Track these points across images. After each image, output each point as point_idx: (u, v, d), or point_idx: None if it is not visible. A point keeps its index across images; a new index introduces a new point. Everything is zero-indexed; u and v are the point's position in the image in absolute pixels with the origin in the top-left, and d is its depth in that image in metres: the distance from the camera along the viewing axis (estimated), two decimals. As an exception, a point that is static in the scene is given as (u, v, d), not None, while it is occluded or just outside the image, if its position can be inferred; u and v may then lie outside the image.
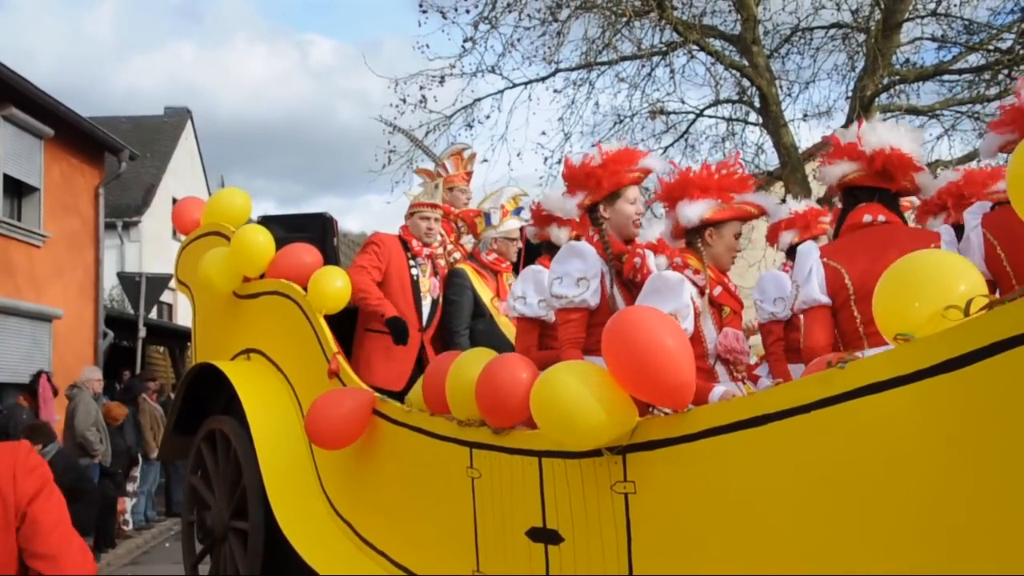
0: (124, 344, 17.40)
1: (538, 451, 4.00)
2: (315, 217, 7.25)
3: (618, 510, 3.67)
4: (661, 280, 4.16)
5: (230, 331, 6.75)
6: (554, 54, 16.55)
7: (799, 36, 16.49)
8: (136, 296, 16.08)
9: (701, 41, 15.95)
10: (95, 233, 17.26)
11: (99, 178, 17.47)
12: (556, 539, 3.93)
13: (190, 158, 28.70)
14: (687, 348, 3.48)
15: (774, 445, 3.16)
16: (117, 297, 20.46)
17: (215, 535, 6.42)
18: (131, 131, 23.42)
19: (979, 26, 15.64)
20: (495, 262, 6.39)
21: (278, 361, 6.27)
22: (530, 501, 4.03)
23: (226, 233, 6.79)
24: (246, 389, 6.13)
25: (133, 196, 24.12)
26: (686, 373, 3.43)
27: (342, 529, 5.47)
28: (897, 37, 15.49)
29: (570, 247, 4.60)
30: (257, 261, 6.41)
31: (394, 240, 6.34)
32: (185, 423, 7.20)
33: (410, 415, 4.92)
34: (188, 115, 28.89)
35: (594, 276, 4.44)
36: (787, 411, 3.13)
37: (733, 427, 3.29)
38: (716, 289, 4.22)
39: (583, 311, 4.43)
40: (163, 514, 15.59)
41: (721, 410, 3.39)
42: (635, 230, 4.64)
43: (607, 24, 16.26)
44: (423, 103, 16.67)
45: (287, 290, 6.14)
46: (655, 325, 3.48)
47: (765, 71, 16.03)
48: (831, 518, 3.00)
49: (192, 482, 6.94)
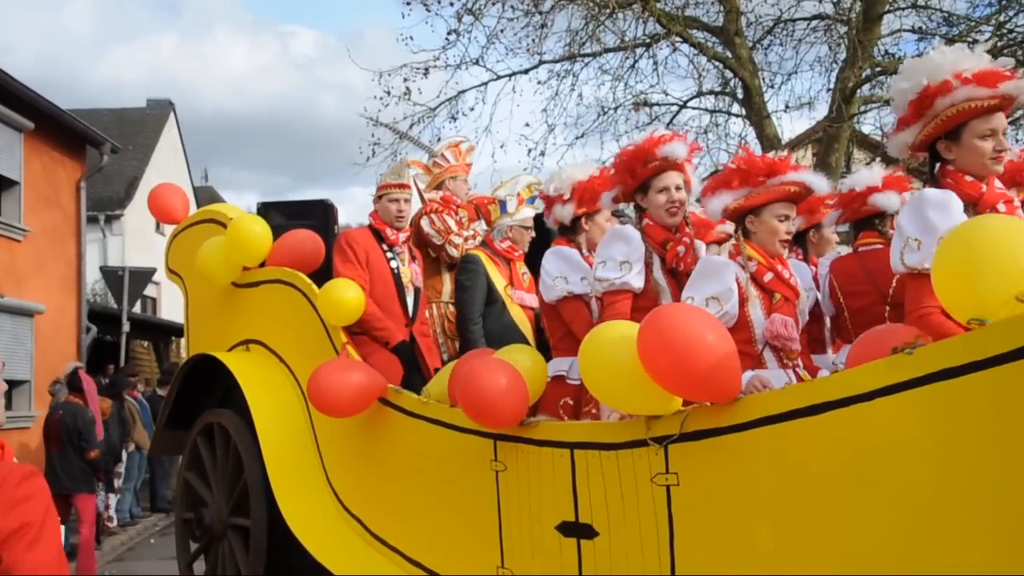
0: (108, 339, 17.07)
1: (570, 442, 3.82)
2: (316, 204, 7.00)
3: (659, 503, 3.49)
4: (707, 263, 4.14)
5: (227, 321, 6.48)
6: (538, 46, 16.44)
7: (781, 27, 16.43)
8: (119, 290, 15.77)
9: (684, 33, 15.91)
10: (77, 227, 16.88)
11: (81, 171, 17.08)
12: (590, 533, 3.74)
13: (173, 150, 28.24)
14: (726, 341, 3.33)
15: (834, 435, 3.00)
16: (100, 291, 20.11)
17: (213, 532, 6.17)
18: (113, 123, 23.03)
19: (958, 18, 15.65)
20: (508, 250, 6.15)
21: (281, 352, 6.03)
22: (561, 494, 3.85)
23: (222, 221, 6.54)
24: (249, 381, 5.88)
25: (115, 189, 23.69)
26: (728, 369, 3.25)
27: (351, 525, 5.25)
28: (878, 29, 15.48)
29: (615, 230, 4.63)
30: (255, 252, 6.15)
31: (365, 234, 5.96)
32: (177, 418, 6.93)
33: (428, 407, 4.72)
34: (171, 107, 28.41)
35: (637, 260, 4.45)
36: (848, 399, 2.96)
37: (789, 415, 3.13)
38: (767, 275, 4.09)
39: (627, 293, 4.44)
40: (148, 510, 15.40)
41: (776, 398, 3.21)
42: (670, 219, 4.57)
43: (590, 16, 16.15)
44: (407, 95, 16.52)
45: (291, 279, 5.89)
46: (690, 321, 3.32)
47: (748, 62, 15.99)
48: (896, 513, 2.84)
49: (187, 478, 6.67)
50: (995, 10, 15.25)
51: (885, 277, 5.19)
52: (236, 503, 6.03)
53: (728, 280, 4.00)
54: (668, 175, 4.55)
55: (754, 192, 4.08)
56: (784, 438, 3.13)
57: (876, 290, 5.22)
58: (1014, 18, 15.09)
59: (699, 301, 3.99)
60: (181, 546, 6.74)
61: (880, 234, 5.33)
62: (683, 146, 4.57)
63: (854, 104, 15.48)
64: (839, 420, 2.98)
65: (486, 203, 6.41)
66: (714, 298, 3.97)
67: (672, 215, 4.55)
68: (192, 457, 6.61)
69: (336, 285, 5.51)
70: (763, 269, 4.09)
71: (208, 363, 6.49)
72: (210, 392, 6.74)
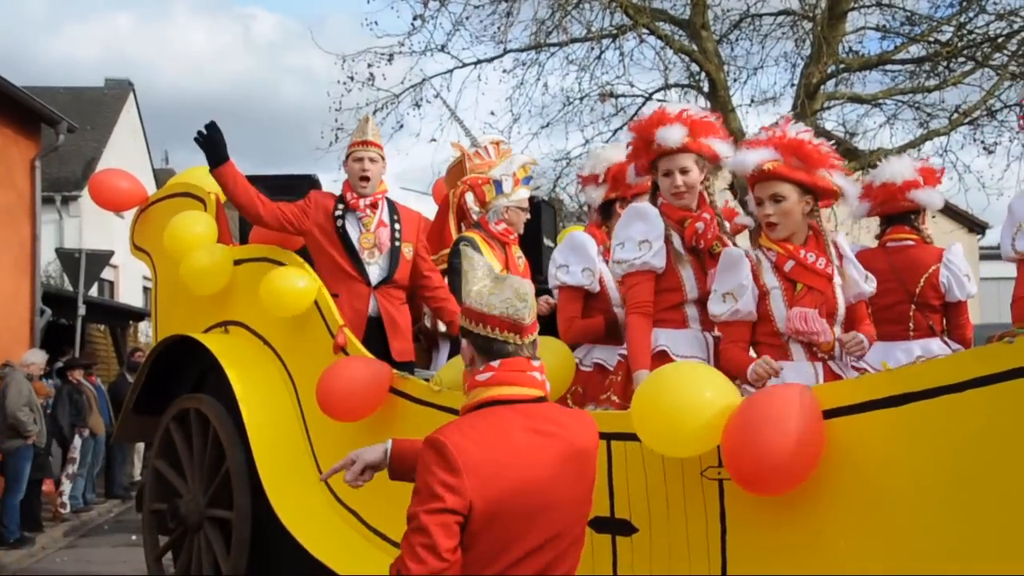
0: (62, 322, 16.43)
1: (606, 432, 3.47)
2: (302, 179, 6.52)
3: (711, 499, 3.19)
4: (725, 257, 3.95)
5: (203, 302, 6.00)
6: (504, 34, 16.08)
7: (748, 22, 16.24)
8: (75, 273, 15.09)
9: (651, 25, 15.61)
10: (31, 207, 16.23)
11: (35, 150, 16.41)
12: (628, 530, 3.42)
13: (132, 132, 27.28)
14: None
15: (917, 427, 2.71)
16: (55, 273, 19.39)
17: (188, 524, 5.73)
18: (70, 103, 22.15)
19: (920, 18, 15.60)
20: (504, 232, 5.82)
21: (266, 335, 5.61)
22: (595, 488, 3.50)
23: (199, 196, 6.08)
24: (233, 365, 5.45)
25: (72, 170, 22.81)
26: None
27: (345, 518, 4.87)
28: (842, 26, 15.35)
29: (632, 208, 4.42)
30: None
31: (326, 196, 5.67)
32: (144, 403, 6.44)
33: (440, 395, 4.35)
34: (130, 87, 27.47)
35: (657, 238, 4.20)
36: (934, 390, 2.67)
37: (864, 407, 2.83)
38: (787, 264, 3.83)
39: (647, 273, 4.19)
40: (103, 495, 14.88)
41: (850, 389, 2.91)
42: (677, 202, 4.31)
43: (557, 5, 15.78)
44: (371, 81, 16.09)
45: (280, 257, 5.49)
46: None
47: (714, 56, 15.76)
48: (987, 514, 2.55)
49: (158, 467, 6.20)
50: (956, 11, 15.22)
51: (913, 275, 4.98)
52: (214, 494, 5.60)
53: (741, 275, 3.83)
54: (671, 159, 4.28)
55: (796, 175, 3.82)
56: (860, 430, 2.83)
57: (903, 288, 5.03)
58: (974, 19, 15.10)
59: (717, 296, 3.87)
60: (149, 539, 6.26)
61: (913, 229, 5.10)
62: (680, 130, 4.25)
63: (818, 100, 15.35)
64: (923, 411, 2.71)
65: (480, 183, 6.03)
66: (729, 294, 3.83)
67: (678, 199, 4.31)
68: (163, 445, 6.14)
69: (281, 275, 5.23)
70: (783, 258, 3.85)
71: (178, 346, 6.06)
72: (180, 377, 6.27)
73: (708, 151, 4.28)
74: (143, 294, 24.84)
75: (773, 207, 3.83)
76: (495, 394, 2.61)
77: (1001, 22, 14.64)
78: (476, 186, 6.03)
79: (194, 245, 5.72)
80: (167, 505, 5.82)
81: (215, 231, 5.87)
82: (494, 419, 2.56)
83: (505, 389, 2.61)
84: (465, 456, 2.43)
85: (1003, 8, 14.67)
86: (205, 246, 5.72)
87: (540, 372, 2.67)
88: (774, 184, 3.82)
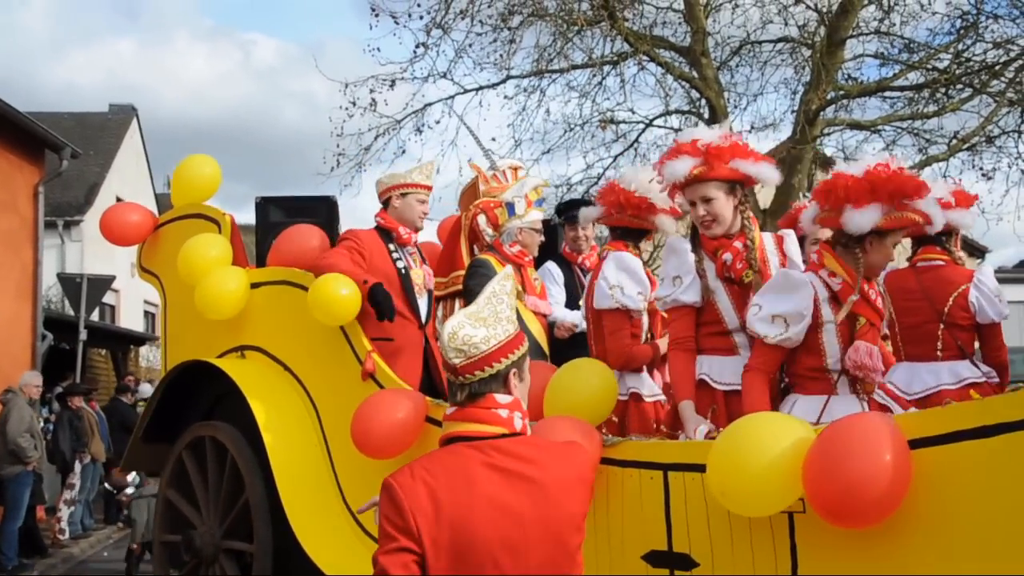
0: (64, 347, 16.16)
1: (663, 463, 3.27)
2: (319, 200, 6.28)
3: (779, 532, 2.96)
4: (786, 278, 3.77)
5: (216, 326, 5.76)
6: (506, 61, 15.98)
7: (747, 49, 16.21)
8: (76, 297, 14.85)
9: (651, 52, 15.57)
10: (34, 232, 16.02)
11: (39, 176, 16.22)
12: (687, 564, 3.21)
13: (135, 157, 27.06)
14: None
15: (1008, 459, 2.51)
16: (57, 298, 19.13)
17: (203, 557, 5.46)
18: (74, 128, 21.99)
19: (918, 45, 15.56)
20: (518, 255, 5.62)
21: (287, 360, 5.39)
22: (651, 520, 3.32)
23: (213, 217, 5.84)
24: (253, 391, 5.20)
25: (75, 195, 22.59)
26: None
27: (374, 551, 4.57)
28: (841, 53, 15.28)
29: (667, 244, 4.28)
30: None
31: (371, 235, 5.46)
32: (154, 431, 6.17)
33: None
34: (134, 113, 27.21)
35: (688, 272, 4.04)
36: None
37: (951, 437, 2.60)
38: (851, 296, 3.67)
39: (683, 309, 4.05)
40: (102, 522, 14.53)
41: (935, 419, 2.69)
42: (706, 231, 4.11)
43: (558, 32, 15.73)
44: (373, 107, 15.91)
45: (301, 280, 5.24)
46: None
47: (714, 83, 15.70)
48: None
49: (169, 497, 5.93)
50: (954, 38, 15.17)
51: (942, 294, 4.87)
52: (231, 525, 5.34)
53: (802, 303, 3.65)
54: (692, 189, 4.09)
55: (895, 214, 3.62)
56: (944, 461, 2.61)
57: (931, 307, 4.91)
58: (971, 47, 15.05)
59: (764, 315, 3.67)
60: (160, 572, 5.99)
61: (944, 250, 4.97)
62: (687, 162, 4.05)
63: (817, 126, 15.26)
64: (1017, 443, 2.48)
65: (492, 206, 5.83)
66: (780, 317, 3.63)
67: (706, 228, 4.10)
68: (176, 474, 5.86)
69: (327, 282, 4.95)
70: (848, 289, 3.68)
71: (188, 372, 5.82)
72: (191, 404, 6.01)
73: (732, 175, 4.05)
74: (144, 319, 24.61)
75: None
76: (454, 431, 2.58)
77: (998, 50, 14.62)
78: (489, 209, 5.84)
79: (209, 269, 5.49)
80: (181, 537, 5.54)
81: (230, 254, 5.65)
82: (450, 458, 2.52)
83: (464, 426, 2.56)
84: (412, 497, 2.42)
85: (1000, 36, 14.69)
86: (221, 269, 5.48)
87: (509, 408, 2.58)
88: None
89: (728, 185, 4.05)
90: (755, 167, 4.03)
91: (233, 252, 5.69)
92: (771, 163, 4.14)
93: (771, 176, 4.11)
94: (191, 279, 5.57)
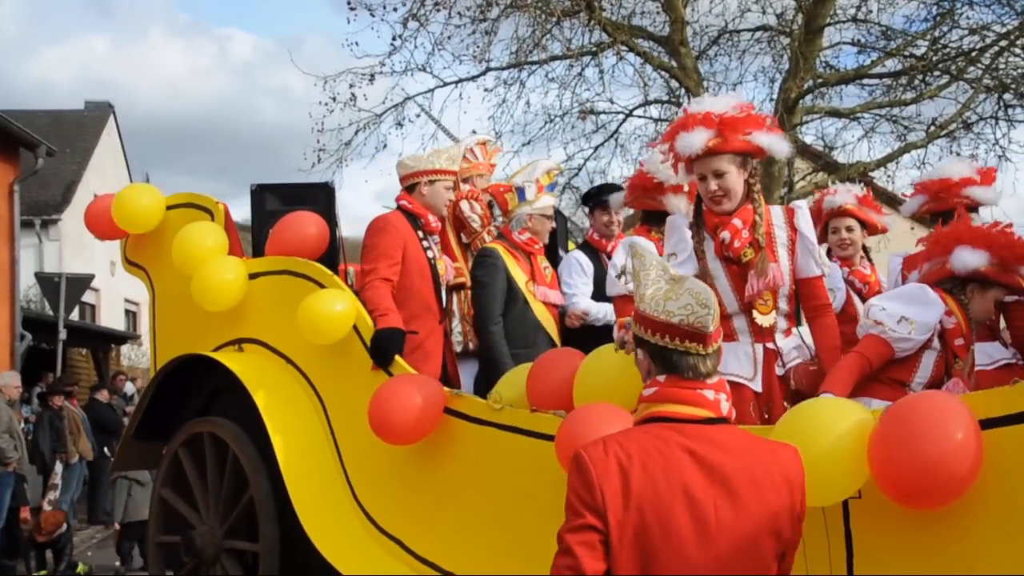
0: (44, 347, 15.83)
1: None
2: (317, 188, 5.96)
3: (833, 520, 2.79)
4: (923, 291, 3.74)
5: (211, 319, 5.47)
6: (484, 53, 15.71)
7: (726, 38, 15.99)
8: (55, 297, 14.58)
9: (630, 42, 15.37)
10: (10, 231, 15.75)
11: (14, 174, 15.94)
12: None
13: (113, 154, 26.62)
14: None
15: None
16: (36, 298, 18.77)
17: (204, 558, 5.21)
18: (50, 126, 21.56)
19: (895, 32, 15.49)
20: (528, 242, 5.37)
21: (289, 353, 5.13)
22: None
23: (204, 206, 5.58)
24: (256, 385, 4.96)
25: (52, 193, 22.22)
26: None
27: (389, 549, 4.39)
28: (819, 41, 15.19)
29: (667, 222, 4.14)
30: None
31: (402, 220, 5.17)
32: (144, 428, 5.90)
33: (503, 413, 3.93)
34: (110, 110, 26.72)
35: (683, 249, 3.89)
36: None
37: (1010, 419, 2.43)
38: (958, 339, 3.74)
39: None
40: (85, 522, 14.31)
41: (1005, 398, 2.52)
42: (716, 207, 3.87)
43: (537, 23, 15.51)
44: (353, 101, 15.63)
45: (304, 269, 5.01)
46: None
47: (693, 72, 15.52)
48: None
49: (164, 496, 5.66)
50: (930, 25, 15.10)
51: None
52: (232, 524, 5.10)
53: (932, 318, 3.67)
54: (704, 162, 3.84)
55: (1002, 268, 3.75)
56: (1013, 441, 2.43)
57: None
58: (948, 33, 15.02)
59: (891, 313, 3.64)
60: (155, 573, 5.72)
61: None
62: (702, 134, 3.80)
63: (796, 114, 15.15)
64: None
65: (502, 191, 5.60)
66: (908, 320, 3.61)
67: (716, 204, 3.86)
68: (171, 472, 5.59)
69: (320, 300, 4.72)
70: (958, 331, 3.74)
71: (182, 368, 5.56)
72: (184, 400, 5.75)
73: (746, 147, 3.82)
74: (125, 317, 24.21)
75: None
76: (655, 411, 2.34)
77: (974, 36, 14.57)
78: (498, 194, 5.61)
79: (206, 258, 5.23)
80: (180, 538, 5.29)
81: (226, 243, 5.40)
82: (647, 438, 2.29)
83: (667, 407, 2.32)
84: (602, 472, 2.22)
85: (976, 23, 14.64)
86: (218, 260, 5.23)
87: (715, 390, 2.35)
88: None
89: (741, 158, 3.84)
90: (768, 139, 3.81)
91: (229, 241, 5.44)
92: (782, 135, 3.94)
93: (783, 149, 3.91)
94: (187, 269, 5.29)
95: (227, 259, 5.28)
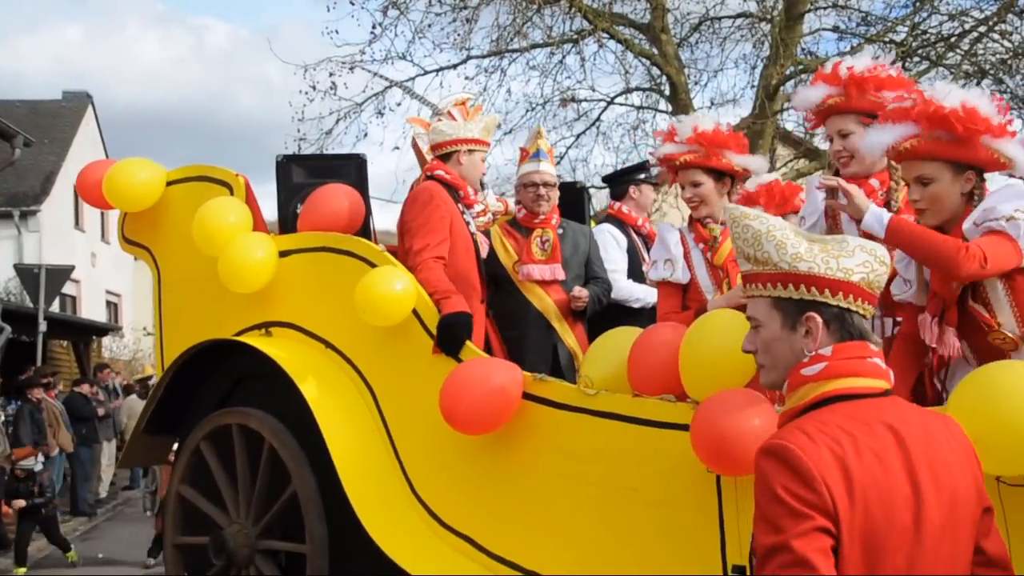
0: (23, 339, 15.20)
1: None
2: (348, 159, 5.34)
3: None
4: None
5: (230, 301, 4.86)
6: (465, 41, 15.41)
7: (707, 25, 15.73)
8: (35, 289, 14.15)
9: (611, 29, 15.11)
10: (-12, 223, 15.02)
11: (-9, 165, 15.25)
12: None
13: (92, 144, 25.88)
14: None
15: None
16: (15, 290, 18.11)
17: (237, 560, 4.69)
18: (27, 116, 21.14)
19: (875, 18, 15.37)
20: (525, 218, 5.02)
21: (330, 337, 4.57)
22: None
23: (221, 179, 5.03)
24: (297, 372, 4.42)
25: (31, 184, 21.69)
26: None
27: (458, 547, 3.97)
28: (799, 27, 15.03)
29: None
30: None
31: (443, 192, 4.64)
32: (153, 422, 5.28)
33: (597, 398, 3.54)
34: (88, 100, 26.05)
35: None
36: None
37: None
38: None
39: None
40: (67, 514, 13.77)
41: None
42: (842, 168, 3.73)
43: (517, 11, 15.18)
44: (333, 90, 15.23)
45: (348, 245, 4.50)
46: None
47: (674, 59, 15.32)
48: None
49: (183, 494, 5.09)
50: (910, 11, 14.96)
51: None
52: (267, 524, 4.62)
53: None
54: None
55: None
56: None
57: None
58: (927, 19, 14.92)
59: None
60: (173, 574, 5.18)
61: None
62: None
63: (777, 101, 14.92)
64: None
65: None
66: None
67: (844, 166, 3.72)
68: (191, 468, 5.04)
69: (381, 279, 4.23)
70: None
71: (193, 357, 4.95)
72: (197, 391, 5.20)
73: (872, 108, 3.55)
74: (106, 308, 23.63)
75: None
76: (832, 389, 1.94)
77: (953, 22, 14.50)
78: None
79: (231, 237, 4.69)
80: (208, 538, 4.74)
81: (250, 219, 4.86)
82: (842, 418, 1.90)
83: (845, 382, 1.94)
84: (821, 466, 1.82)
85: (955, 9, 14.57)
86: (245, 236, 4.70)
87: (882, 358, 2.00)
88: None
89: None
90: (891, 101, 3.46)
91: (252, 217, 4.91)
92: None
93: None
94: (211, 249, 4.71)
95: (255, 236, 4.74)
